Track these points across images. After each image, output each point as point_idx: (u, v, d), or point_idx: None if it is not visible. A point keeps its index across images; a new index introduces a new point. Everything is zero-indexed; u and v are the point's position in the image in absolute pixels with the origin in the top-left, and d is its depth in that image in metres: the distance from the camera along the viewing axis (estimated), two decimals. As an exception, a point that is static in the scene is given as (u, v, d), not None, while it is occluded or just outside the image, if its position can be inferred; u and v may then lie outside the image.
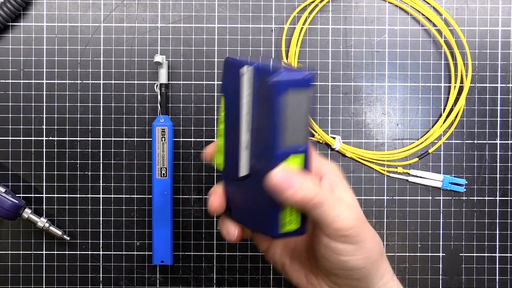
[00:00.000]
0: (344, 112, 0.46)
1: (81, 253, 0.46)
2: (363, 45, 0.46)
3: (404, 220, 0.46)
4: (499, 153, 0.46)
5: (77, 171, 0.46)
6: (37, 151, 0.45)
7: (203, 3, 0.46)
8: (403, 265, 0.46)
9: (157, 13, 0.46)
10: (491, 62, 0.46)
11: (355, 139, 0.46)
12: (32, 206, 0.45)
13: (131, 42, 0.46)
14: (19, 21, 0.45)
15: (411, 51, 0.46)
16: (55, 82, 0.45)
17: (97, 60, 0.46)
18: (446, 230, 0.46)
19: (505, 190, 0.46)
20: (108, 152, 0.46)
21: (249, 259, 0.46)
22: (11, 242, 0.46)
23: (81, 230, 0.46)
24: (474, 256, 0.46)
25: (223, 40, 0.46)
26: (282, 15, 0.46)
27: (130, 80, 0.46)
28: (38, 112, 0.45)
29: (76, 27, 0.46)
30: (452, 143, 0.46)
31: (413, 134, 0.46)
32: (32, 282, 0.46)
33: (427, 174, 0.46)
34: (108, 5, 0.46)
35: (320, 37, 0.46)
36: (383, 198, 0.46)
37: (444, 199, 0.46)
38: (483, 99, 0.46)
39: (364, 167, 0.46)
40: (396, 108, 0.46)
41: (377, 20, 0.46)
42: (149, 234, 0.46)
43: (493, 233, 0.46)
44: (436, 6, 0.46)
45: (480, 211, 0.46)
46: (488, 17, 0.46)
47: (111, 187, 0.46)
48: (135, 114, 0.46)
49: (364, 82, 0.46)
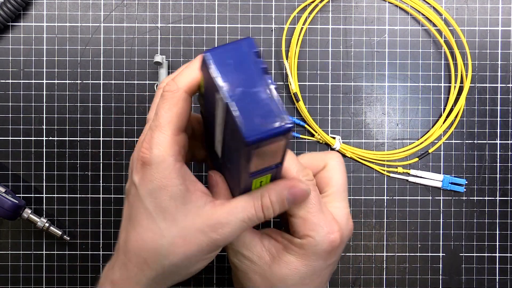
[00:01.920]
0: (344, 112, 0.46)
1: (81, 253, 0.46)
2: (363, 45, 0.46)
3: (404, 220, 0.46)
4: (499, 153, 0.46)
5: (77, 171, 0.46)
6: (37, 151, 0.45)
7: (203, 3, 0.46)
8: (403, 265, 0.46)
9: (157, 13, 0.46)
10: (491, 62, 0.46)
11: (355, 139, 0.46)
12: (32, 206, 0.45)
13: (131, 42, 0.46)
14: (19, 21, 0.45)
15: (411, 51, 0.46)
16: (55, 82, 0.45)
17: (97, 60, 0.46)
18: (446, 230, 0.46)
19: (505, 190, 0.46)
20: (108, 152, 0.46)
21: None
22: (11, 242, 0.46)
23: (81, 230, 0.46)
24: (474, 256, 0.46)
25: (223, 40, 0.46)
26: (282, 15, 0.46)
27: (130, 80, 0.46)
28: (38, 112, 0.45)
29: (76, 27, 0.46)
30: (452, 143, 0.46)
31: (413, 134, 0.46)
32: (32, 282, 0.46)
33: (427, 174, 0.46)
34: (108, 5, 0.46)
35: (320, 37, 0.46)
36: (383, 198, 0.46)
37: (444, 199, 0.46)
38: (483, 99, 0.46)
39: (364, 167, 0.46)
40: (396, 108, 0.46)
41: (377, 20, 0.46)
42: (149, 234, 0.46)
43: (493, 233, 0.46)
44: (436, 6, 0.46)
45: (480, 211, 0.46)
46: (488, 17, 0.46)
47: (111, 187, 0.46)
48: (135, 114, 0.46)
49: (364, 82, 0.46)
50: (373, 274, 0.46)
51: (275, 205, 0.31)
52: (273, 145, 0.26)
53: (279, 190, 0.31)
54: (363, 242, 0.46)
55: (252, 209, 0.31)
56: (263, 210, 0.31)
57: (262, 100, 0.25)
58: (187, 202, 0.30)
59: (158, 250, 0.30)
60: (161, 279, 0.31)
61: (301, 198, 0.32)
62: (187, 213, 0.30)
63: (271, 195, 0.31)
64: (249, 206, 0.31)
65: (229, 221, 0.30)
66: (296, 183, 0.32)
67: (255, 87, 0.26)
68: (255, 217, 0.31)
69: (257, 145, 0.25)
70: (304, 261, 0.33)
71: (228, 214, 0.30)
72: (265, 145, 0.25)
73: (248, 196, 0.31)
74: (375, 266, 0.46)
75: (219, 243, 0.30)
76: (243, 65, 0.26)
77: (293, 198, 0.32)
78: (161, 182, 0.29)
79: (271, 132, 0.25)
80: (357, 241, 0.46)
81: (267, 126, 0.25)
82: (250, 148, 0.25)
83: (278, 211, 0.31)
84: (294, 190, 0.31)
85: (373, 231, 0.46)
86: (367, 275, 0.46)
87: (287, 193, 0.31)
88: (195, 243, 0.30)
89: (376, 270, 0.46)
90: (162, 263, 0.30)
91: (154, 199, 0.30)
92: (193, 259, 0.31)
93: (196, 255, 0.30)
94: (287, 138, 0.26)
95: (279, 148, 0.27)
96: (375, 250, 0.46)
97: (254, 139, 0.25)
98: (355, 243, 0.46)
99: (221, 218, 0.30)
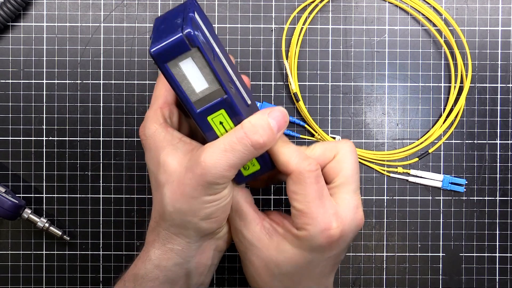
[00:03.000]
0: (344, 112, 0.46)
1: (81, 253, 0.46)
2: (363, 45, 0.46)
3: (404, 220, 0.46)
4: (499, 153, 0.46)
5: (77, 171, 0.46)
6: (37, 151, 0.45)
7: (203, 3, 0.46)
8: (403, 265, 0.46)
9: (157, 13, 0.46)
10: (491, 62, 0.46)
11: (355, 139, 0.46)
12: (32, 206, 0.45)
13: (131, 42, 0.46)
14: (19, 21, 0.45)
15: (411, 51, 0.46)
16: (55, 82, 0.45)
17: (97, 60, 0.46)
18: (446, 230, 0.46)
19: (505, 190, 0.46)
20: (108, 152, 0.46)
21: (249, 259, 0.46)
22: (11, 242, 0.46)
23: (81, 230, 0.46)
24: (474, 256, 0.46)
25: (223, 40, 0.46)
26: (282, 15, 0.46)
27: (130, 80, 0.46)
28: (38, 112, 0.45)
29: (76, 27, 0.46)
30: (452, 143, 0.46)
31: (413, 134, 0.46)
32: (32, 282, 0.46)
33: (427, 174, 0.46)
34: (108, 5, 0.46)
35: (320, 37, 0.46)
36: (383, 198, 0.46)
37: (444, 199, 0.46)
38: (483, 99, 0.46)
39: (364, 167, 0.46)
40: (396, 108, 0.46)
41: (377, 20, 0.46)
42: (149, 234, 0.46)
43: (493, 233, 0.46)
44: (436, 6, 0.46)
45: (480, 211, 0.46)
46: (488, 17, 0.46)
47: (111, 187, 0.46)
48: (135, 114, 0.46)
49: (364, 82, 0.46)
50: (373, 274, 0.46)
51: (261, 130, 0.31)
52: (186, 63, 0.29)
53: (261, 117, 0.31)
54: (363, 242, 0.46)
55: (233, 136, 0.31)
56: (247, 135, 0.31)
57: (173, 25, 0.29)
58: (177, 152, 0.33)
59: (162, 199, 0.33)
60: (177, 230, 0.33)
61: (284, 124, 0.32)
62: (178, 161, 0.33)
63: (251, 119, 0.31)
64: (229, 135, 0.31)
65: (211, 153, 0.31)
66: (274, 108, 0.32)
67: (173, 20, 0.29)
68: (238, 144, 0.31)
69: (164, 58, 0.28)
70: (299, 251, 0.33)
71: (209, 147, 0.31)
72: (174, 60, 0.28)
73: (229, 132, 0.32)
74: (375, 266, 0.46)
75: (207, 178, 0.31)
76: (175, 17, 0.30)
77: (277, 123, 0.32)
78: (153, 145, 0.34)
79: (169, 40, 0.28)
80: (357, 241, 0.46)
81: (167, 38, 0.28)
82: (158, 62, 0.28)
83: (267, 137, 0.31)
84: (275, 114, 0.32)
85: (373, 231, 0.46)
86: (367, 275, 0.46)
87: (270, 117, 0.31)
88: (187, 183, 0.31)
89: (376, 270, 0.46)
90: (168, 210, 0.33)
91: (152, 159, 0.34)
92: (192, 202, 0.32)
93: (193, 196, 0.31)
94: (194, 50, 0.28)
95: (201, 67, 0.29)
96: (375, 250, 0.46)
97: (156, 49, 0.28)
98: (355, 243, 0.46)
99: (204, 153, 0.31)
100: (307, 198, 0.33)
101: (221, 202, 0.33)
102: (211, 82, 0.30)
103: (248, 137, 0.31)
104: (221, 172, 0.31)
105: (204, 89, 0.30)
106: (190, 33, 0.28)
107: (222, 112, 0.31)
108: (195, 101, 0.30)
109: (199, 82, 0.30)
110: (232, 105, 0.31)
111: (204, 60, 0.29)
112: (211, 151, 0.31)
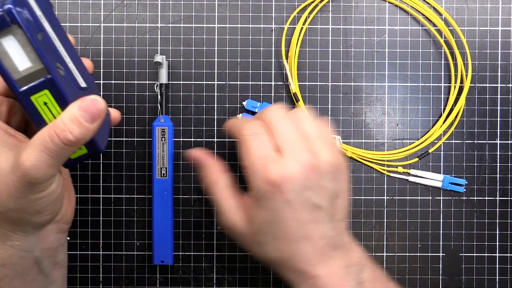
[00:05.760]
0: (344, 112, 0.46)
1: (81, 253, 0.46)
2: (363, 45, 0.46)
3: (404, 220, 0.46)
4: (499, 153, 0.46)
5: (77, 171, 0.46)
6: (37, 151, 0.45)
7: (203, 3, 0.46)
8: (403, 265, 0.46)
9: (157, 13, 0.46)
10: (491, 62, 0.46)
11: (355, 139, 0.46)
12: (32, 206, 0.45)
13: (131, 42, 0.46)
14: (19, 21, 0.45)
15: (411, 51, 0.46)
16: (55, 82, 0.45)
17: (97, 60, 0.46)
18: (446, 230, 0.46)
19: (505, 190, 0.46)
20: (108, 152, 0.46)
21: (249, 259, 0.46)
22: (11, 242, 0.46)
23: (81, 230, 0.46)
24: (474, 256, 0.46)
25: (223, 40, 0.46)
26: (282, 15, 0.46)
27: (130, 80, 0.46)
28: (38, 112, 0.45)
29: (76, 27, 0.46)
30: (452, 143, 0.46)
31: (413, 134, 0.46)
32: (32, 282, 0.45)
33: (427, 174, 0.46)
34: (108, 5, 0.46)
35: (320, 37, 0.46)
36: (383, 198, 0.46)
37: (444, 199, 0.46)
38: (483, 99, 0.46)
39: (364, 167, 0.46)
40: (396, 108, 0.46)
41: (377, 20, 0.46)
42: (149, 234, 0.46)
43: (493, 233, 0.46)
44: (436, 6, 0.46)
45: (480, 211, 0.46)
46: (488, 17, 0.46)
47: (111, 187, 0.46)
48: (135, 114, 0.46)
49: (364, 82, 0.46)
50: (373, 274, 0.46)
51: (70, 125, 0.30)
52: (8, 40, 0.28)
53: (69, 110, 0.31)
54: (363, 242, 0.46)
55: (45, 134, 0.30)
56: (56, 133, 0.30)
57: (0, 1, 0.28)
58: (3, 148, 0.32)
59: None
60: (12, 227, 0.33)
61: (97, 112, 0.31)
62: (6, 157, 0.31)
63: (62, 117, 0.31)
64: (43, 132, 0.30)
65: (28, 154, 0.30)
66: (85, 98, 0.31)
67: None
68: (50, 143, 0.30)
69: None
70: (260, 207, 0.35)
71: (28, 147, 0.31)
72: None
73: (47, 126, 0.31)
74: (375, 266, 0.46)
75: (28, 180, 0.30)
76: None
77: (88, 114, 0.31)
78: None
79: None
80: (357, 241, 0.46)
81: None
82: None
83: (79, 131, 0.31)
84: (84, 104, 0.31)
85: (373, 231, 0.46)
86: (367, 275, 0.46)
87: (78, 110, 0.31)
88: (11, 184, 0.31)
89: (376, 270, 0.46)
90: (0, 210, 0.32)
91: None
92: (20, 202, 0.31)
93: (19, 196, 0.31)
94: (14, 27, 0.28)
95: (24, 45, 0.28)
96: (375, 250, 0.46)
97: None
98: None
99: (23, 154, 0.30)
100: (247, 155, 0.35)
101: (51, 197, 0.32)
102: (34, 61, 0.29)
103: (58, 135, 0.30)
104: (41, 173, 0.30)
105: (27, 68, 0.29)
106: (11, 9, 0.27)
107: (46, 92, 0.30)
108: (18, 79, 0.30)
109: (21, 60, 0.29)
110: (57, 86, 0.30)
111: (26, 38, 0.29)
112: (29, 152, 0.30)
